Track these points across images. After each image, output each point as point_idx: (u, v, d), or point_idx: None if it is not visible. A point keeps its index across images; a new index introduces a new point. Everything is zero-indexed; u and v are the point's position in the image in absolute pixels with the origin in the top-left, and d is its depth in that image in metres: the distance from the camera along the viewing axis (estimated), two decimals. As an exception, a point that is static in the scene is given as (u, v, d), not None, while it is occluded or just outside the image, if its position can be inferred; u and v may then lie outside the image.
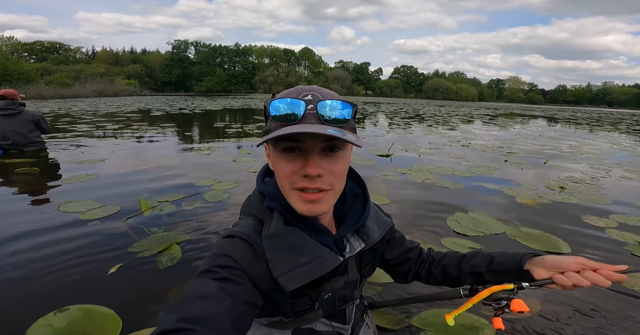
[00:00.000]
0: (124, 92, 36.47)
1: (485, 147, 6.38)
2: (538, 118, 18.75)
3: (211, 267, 0.51)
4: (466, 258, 0.75)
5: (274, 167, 0.57)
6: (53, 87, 30.69)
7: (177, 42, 69.89)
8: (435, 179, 3.76)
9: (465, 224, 2.50)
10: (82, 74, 42.00)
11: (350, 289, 0.69)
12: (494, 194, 3.30)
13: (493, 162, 4.89)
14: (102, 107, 15.44)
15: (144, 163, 4.13)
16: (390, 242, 0.78)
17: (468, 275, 0.73)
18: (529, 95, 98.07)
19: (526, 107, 50.50)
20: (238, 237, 0.56)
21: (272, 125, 0.52)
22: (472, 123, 12.86)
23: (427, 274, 0.80)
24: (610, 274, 0.58)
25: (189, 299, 0.46)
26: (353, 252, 0.64)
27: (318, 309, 0.64)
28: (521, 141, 7.71)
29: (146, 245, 2.06)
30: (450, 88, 76.32)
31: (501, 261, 0.69)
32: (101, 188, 3.09)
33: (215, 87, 64.65)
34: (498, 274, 0.69)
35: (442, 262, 0.78)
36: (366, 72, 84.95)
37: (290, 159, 0.52)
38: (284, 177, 0.53)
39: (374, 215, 0.69)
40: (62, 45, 64.26)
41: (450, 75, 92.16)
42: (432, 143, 6.67)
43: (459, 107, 29.57)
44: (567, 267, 0.61)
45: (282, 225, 0.57)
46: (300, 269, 0.55)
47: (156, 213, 2.52)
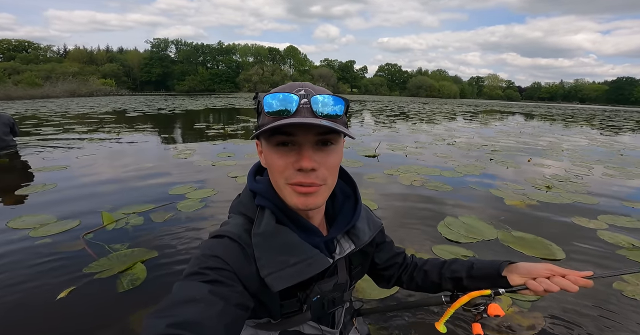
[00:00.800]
0: (99, 92, 34.87)
1: (470, 145, 6.39)
2: (516, 114, 19.30)
3: (200, 269, 0.48)
4: (447, 264, 0.76)
5: (267, 162, 0.55)
6: (22, 87, 28.93)
7: (156, 40, 67.31)
8: (423, 181, 3.66)
9: (456, 229, 2.39)
10: (54, 73, 39.76)
11: (340, 291, 0.67)
12: (482, 196, 3.22)
13: (478, 161, 4.86)
14: (74, 108, 14.59)
15: (111, 170, 3.81)
16: (380, 245, 0.78)
17: (448, 280, 0.74)
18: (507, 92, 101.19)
19: (504, 103, 52.11)
20: (227, 237, 0.54)
21: (265, 119, 0.51)
22: (456, 120, 13.02)
23: (409, 279, 0.80)
24: (577, 280, 0.61)
25: (178, 303, 0.43)
26: (343, 254, 0.63)
27: (306, 311, 0.63)
28: (503, 138, 7.80)
29: (105, 265, 1.82)
30: (433, 86, 77.63)
31: (480, 267, 0.71)
32: (59, 200, 2.78)
33: (198, 86, 62.85)
34: (477, 280, 0.70)
35: (424, 268, 0.78)
36: (351, 70, 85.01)
37: (284, 153, 0.51)
38: (277, 172, 0.52)
39: (365, 216, 0.68)
40: (31, 44, 60.64)
41: (433, 73, 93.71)
42: (418, 141, 6.62)
43: (442, 105, 30.08)
44: (539, 274, 0.64)
45: (273, 223, 0.56)
46: (288, 270, 0.53)
47: (121, 227, 2.26)
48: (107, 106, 16.09)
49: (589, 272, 0.62)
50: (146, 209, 2.58)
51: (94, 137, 6.16)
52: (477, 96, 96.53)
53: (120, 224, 2.30)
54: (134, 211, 2.52)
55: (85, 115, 10.90)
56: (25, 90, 27.68)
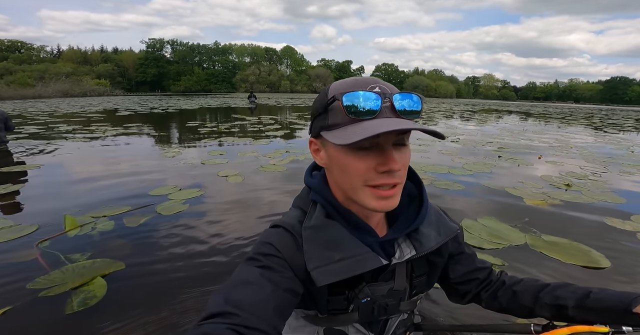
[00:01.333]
0: (93, 92, 34.41)
1: (475, 143, 6.12)
2: (515, 113, 19.14)
3: (254, 255, 0.52)
4: (550, 287, 0.62)
5: (336, 164, 0.52)
6: (14, 87, 28.37)
7: (152, 40, 66.55)
8: (432, 179, 3.36)
9: (477, 233, 2.09)
10: (47, 73, 39.13)
11: (396, 299, 0.62)
12: (498, 195, 2.92)
13: (487, 158, 4.58)
14: (64, 107, 14.17)
15: (88, 169, 3.46)
16: (456, 257, 0.69)
17: (546, 307, 0.60)
18: (502, 92, 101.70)
19: (501, 103, 52.24)
20: (282, 227, 0.56)
21: (339, 118, 0.49)
22: (456, 119, 12.78)
23: (491, 298, 0.69)
24: None
25: (234, 285, 0.48)
26: (402, 259, 0.58)
27: (353, 311, 0.60)
28: (508, 136, 7.55)
29: (57, 279, 1.50)
30: (430, 85, 77.68)
31: (601, 298, 0.55)
32: (22, 201, 2.44)
33: (194, 87, 62.24)
34: (590, 312, 0.55)
35: (515, 288, 0.66)
36: (348, 70, 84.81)
37: (364, 155, 0.49)
38: (356, 175, 0.50)
39: (434, 220, 0.61)
40: (24, 44, 59.72)
41: (430, 72, 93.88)
42: (420, 139, 6.33)
43: (439, 104, 29.92)
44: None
45: (323, 218, 0.56)
46: (334, 265, 0.52)
47: (85, 233, 1.93)
48: (98, 106, 15.68)
49: None
50: (120, 211, 2.25)
51: (77, 135, 5.80)
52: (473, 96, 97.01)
53: (86, 230, 1.96)
54: (104, 214, 2.18)
55: (74, 114, 10.51)
56: (17, 91, 27.15)
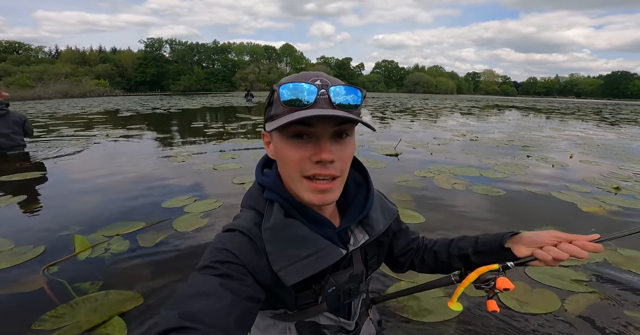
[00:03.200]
0: (92, 93, 34.04)
1: (495, 141, 5.84)
2: (522, 109, 18.83)
3: (210, 263, 0.49)
4: (454, 242, 0.73)
5: (277, 155, 0.54)
6: (13, 88, 28.06)
7: (150, 40, 65.88)
8: (466, 184, 3.10)
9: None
10: (46, 74, 38.73)
11: (356, 282, 0.65)
12: (546, 201, 2.66)
13: (516, 158, 4.31)
14: (64, 108, 13.88)
15: (93, 178, 3.19)
16: (397, 234, 0.75)
17: (457, 258, 0.71)
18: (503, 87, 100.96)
19: (503, 98, 51.73)
20: (238, 231, 0.54)
21: (279, 109, 0.50)
22: (464, 115, 12.48)
23: (421, 262, 0.77)
24: (586, 244, 0.57)
25: (190, 296, 0.44)
26: (357, 245, 0.61)
27: (322, 302, 0.61)
28: (525, 132, 7.27)
29: (67, 317, 1.26)
30: (430, 82, 77.05)
31: (485, 241, 0.67)
32: (23, 218, 2.18)
33: (194, 86, 61.77)
34: (483, 255, 0.67)
35: (434, 249, 0.76)
36: (348, 68, 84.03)
37: (300, 145, 0.50)
38: (292, 165, 0.51)
39: (379, 204, 0.66)
40: (22, 45, 59.27)
41: (430, 69, 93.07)
42: (437, 138, 6.07)
43: (442, 100, 29.56)
44: (544, 242, 0.60)
45: (282, 217, 0.54)
46: (300, 263, 0.52)
47: (97, 255, 1.68)
48: (99, 106, 15.39)
49: (596, 235, 0.58)
50: (134, 228, 2.00)
51: (80, 139, 5.53)
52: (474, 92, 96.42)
53: (98, 251, 1.71)
54: (117, 232, 1.93)
55: (75, 116, 10.23)
56: (16, 92, 26.79)
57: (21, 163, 3.62)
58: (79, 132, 6.43)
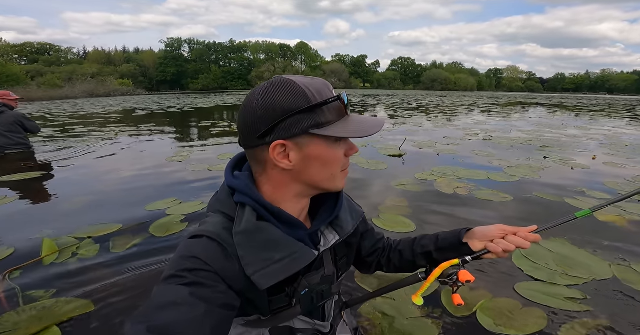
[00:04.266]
0: (116, 92, 35.48)
1: (511, 140, 5.47)
2: (547, 106, 17.77)
3: (178, 272, 0.46)
4: (417, 240, 0.76)
5: (319, 160, 0.54)
6: (43, 89, 29.70)
7: (170, 40, 67.82)
8: (470, 187, 2.87)
9: (543, 262, 1.62)
10: (75, 74, 40.76)
11: (328, 283, 0.66)
12: (559, 208, 2.40)
13: (531, 160, 3.99)
14: (86, 108, 14.50)
15: (86, 179, 3.21)
16: (364, 234, 0.78)
17: (420, 256, 0.74)
18: (528, 83, 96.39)
19: (527, 95, 49.34)
20: (205, 237, 0.51)
21: (333, 116, 0.53)
22: (481, 113, 11.91)
23: (387, 262, 0.80)
24: (527, 236, 0.63)
25: (158, 308, 0.42)
26: (328, 245, 0.62)
27: (296, 305, 0.61)
28: (546, 131, 6.79)
29: (9, 325, 1.22)
30: (449, 78, 74.66)
31: (445, 237, 0.71)
32: (5, 219, 2.19)
33: (211, 85, 63.10)
34: (444, 251, 0.70)
35: (399, 248, 0.79)
36: (363, 65, 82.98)
37: (339, 145, 0.55)
38: (338, 163, 0.55)
39: (347, 206, 0.68)
40: (52, 46, 62.36)
41: (448, 65, 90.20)
42: (448, 137, 5.76)
43: (460, 97, 28.51)
44: (493, 235, 0.66)
45: (254, 221, 0.53)
46: (274, 266, 0.52)
47: (64, 260, 1.63)
48: (119, 106, 15.96)
49: (534, 226, 0.66)
50: (109, 231, 1.95)
51: (89, 138, 5.67)
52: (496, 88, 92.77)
53: (65, 256, 1.67)
54: (90, 235, 1.89)
55: (93, 115, 10.62)
56: (46, 92, 28.39)
57: (26, 163, 3.72)
58: (92, 131, 6.62)
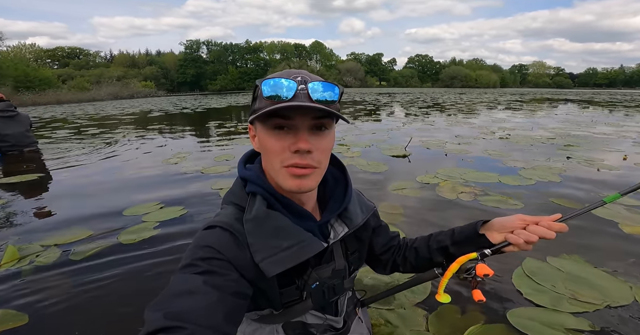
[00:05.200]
0: (139, 94, 36.88)
1: (532, 139, 5.03)
2: (576, 102, 16.57)
3: (192, 261, 0.48)
4: (433, 236, 0.75)
5: (261, 146, 0.56)
6: (73, 92, 31.32)
7: (189, 42, 69.75)
8: (475, 192, 2.58)
9: (549, 283, 1.36)
10: (102, 77, 42.75)
11: (339, 278, 0.66)
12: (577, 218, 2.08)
13: (551, 160, 3.60)
14: (108, 109, 15.07)
15: (79, 182, 3.18)
16: (376, 230, 0.77)
17: (436, 252, 0.72)
18: (556, 79, 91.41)
19: (555, 91, 46.58)
20: (218, 227, 0.54)
21: (262, 103, 0.53)
22: (502, 110, 11.24)
23: (403, 261, 0.78)
24: (551, 225, 0.60)
25: (174, 296, 0.44)
26: (337, 237, 0.62)
27: (307, 299, 0.62)
28: (573, 129, 6.23)
29: None
30: (469, 75, 71.94)
31: (461, 230, 0.69)
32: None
33: (228, 85, 64.33)
34: (461, 245, 0.68)
35: (414, 246, 0.77)
36: (379, 63, 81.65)
37: (280, 136, 0.52)
38: (274, 154, 0.53)
39: (356, 199, 0.68)
40: (82, 50, 65.62)
41: (469, 62, 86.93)
42: (460, 136, 5.40)
43: (481, 94, 27.30)
44: (513, 226, 0.62)
45: (264, 209, 0.55)
46: (282, 253, 0.53)
47: (19, 267, 1.55)
48: (138, 107, 16.48)
49: (558, 214, 0.62)
50: (77, 238, 1.86)
51: (97, 140, 5.78)
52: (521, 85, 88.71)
53: (23, 263, 1.58)
54: (56, 242, 1.80)
55: (110, 117, 10.98)
56: (74, 94, 29.92)
57: (28, 165, 3.78)
58: (103, 133, 6.77)
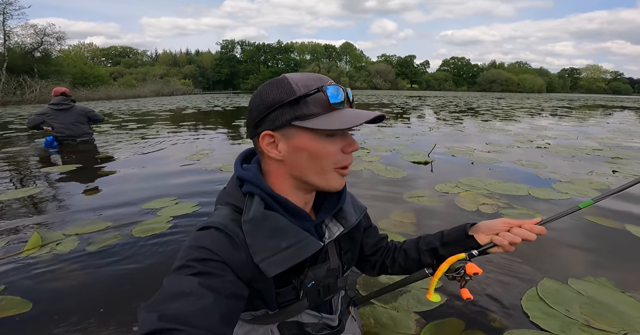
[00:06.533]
0: (178, 92, 39.14)
1: (575, 149, 4.57)
2: (634, 109, 14.85)
3: (187, 262, 0.49)
4: (421, 238, 0.77)
5: (307, 152, 0.55)
6: (121, 88, 34.04)
7: (224, 42, 72.69)
8: (499, 204, 2.37)
9: (562, 305, 1.22)
10: (147, 75, 46.10)
11: (334, 277, 0.68)
12: (613, 238, 1.83)
13: (594, 174, 3.23)
14: (148, 106, 16.13)
15: (109, 174, 3.41)
16: (367, 230, 0.79)
17: (426, 253, 0.75)
18: (613, 84, 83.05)
19: (611, 97, 42.24)
20: (213, 228, 0.54)
21: (317, 109, 0.53)
22: (545, 117, 10.38)
23: (392, 262, 0.80)
24: (532, 227, 0.63)
25: (169, 297, 0.44)
26: (332, 237, 0.64)
27: (303, 298, 0.63)
28: (625, 139, 5.57)
29: None
30: (511, 79, 67.57)
31: (449, 232, 0.72)
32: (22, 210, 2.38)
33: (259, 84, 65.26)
34: (450, 246, 0.71)
35: (403, 247, 0.79)
36: (411, 66, 79.20)
37: (333, 140, 0.55)
38: (329, 158, 0.55)
39: (350, 200, 0.70)
40: (131, 50, 71.28)
41: (511, 65, 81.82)
42: (491, 143, 5.05)
43: (522, 99, 25.49)
44: (498, 228, 0.66)
45: (262, 209, 0.56)
46: (281, 254, 0.54)
47: (39, 255, 1.66)
48: (175, 104, 17.48)
49: (538, 218, 0.66)
50: (96, 229, 1.97)
51: (134, 134, 6.19)
52: (571, 90, 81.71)
53: (43, 251, 1.70)
54: (77, 232, 1.93)
55: (149, 113, 11.73)
56: (122, 91, 32.48)
57: (69, 156, 4.14)
58: (140, 128, 7.24)
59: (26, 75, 21.80)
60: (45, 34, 25.48)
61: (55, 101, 4.49)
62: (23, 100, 19.90)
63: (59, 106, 4.47)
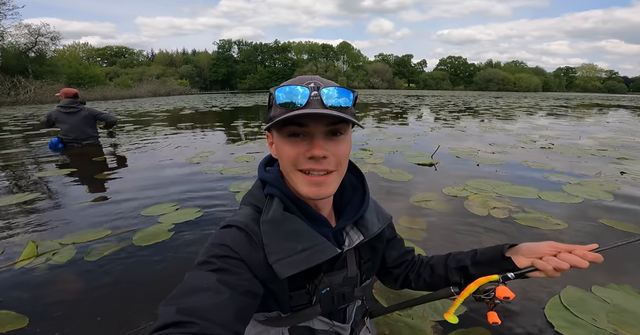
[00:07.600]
0: (175, 92, 38.89)
1: (579, 150, 4.53)
2: (630, 108, 14.92)
3: (208, 258, 0.50)
4: (452, 255, 0.74)
5: (278, 153, 0.57)
6: (117, 88, 33.72)
7: (221, 41, 72.11)
8: (512, 209, 2.32)
9: (588, 314, 1.17)
10: (143, 75, 45.66)
11: (350, 286, 0.66)
12: (634, 245, 1.78)
13: (602, 175, 3.19)
14: (145, 106, 15.96)
15: (106, 179, 3.33)
16: (390, 241, 0.76)
17: (454, 271, 0.71)
18: (608, 83, 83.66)
19: (606, 96, 42.55)
20: (235, 227, 0.56)
21: (276, 111, 0.54)
22: (544, 116, 10.38)
23: (416, 277, 0.77)
24: (586, 254, 0.58)
25: (187, 292, 0.45)
26: (352, 245, 0.62)
27: (316, 304, 0.62)
28: (627, 139, 5.55)
29: None
30: (507, 78, 67.83)
31: (484, 252, 0.68)
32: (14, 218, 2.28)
33: (257, 84, 65.89)
34: (482, 266, 0.67)
35: (430, 263, 0.76)
36: (408, 65, 79.27)
37: (295, 143, 0.53)
38: (288, 160, 0.55)
39: (374, 208, 0.68)
40: (127, 49, 70.46)
41: (507, 64, 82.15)
42: (494, 144, 5.00)
43: (520, 98, 25.57)
44: (543, 252, 0.61)
45: (281, 211, 0.56)
46: (296, 256, 0.53)
47: (34, 266, 1.58)
48: (172, 104, 17.32)
49: (594, 244, 0.59)
50: (94, 237, 1.89)
51: (130, 136, 6.08)
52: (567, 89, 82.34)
53: (38, 262, 1.61)
54: (74, 241, 1.84)
55: (146, 114, 11.58)
56: (118, 91, 32.19)
57: (68, 159, 4.03)
58: (137, 129, 7.13)
59: (20, 75, 21.52)
60: (39, 34, 25.21)
61: (63, 103, 4.39)
62: (17, 101, 19.63)
63: (67, 109, 4.38)
